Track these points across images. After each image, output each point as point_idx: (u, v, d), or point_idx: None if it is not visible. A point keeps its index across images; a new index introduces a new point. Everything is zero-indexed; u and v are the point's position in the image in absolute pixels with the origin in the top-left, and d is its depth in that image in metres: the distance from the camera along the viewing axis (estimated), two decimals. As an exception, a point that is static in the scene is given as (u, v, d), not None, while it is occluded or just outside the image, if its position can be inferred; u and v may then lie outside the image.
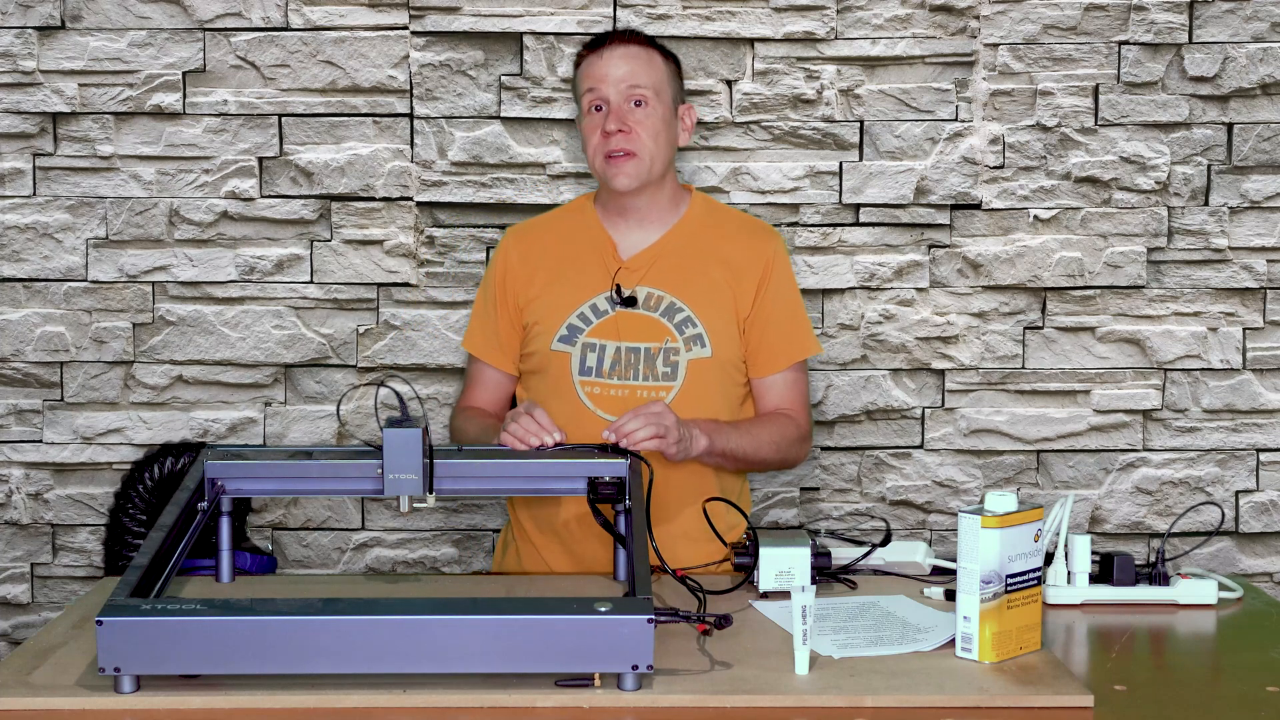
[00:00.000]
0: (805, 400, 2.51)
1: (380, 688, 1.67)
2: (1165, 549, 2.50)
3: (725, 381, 2.43)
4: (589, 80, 2.42)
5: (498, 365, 2.51)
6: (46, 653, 1.84)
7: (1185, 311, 2.88)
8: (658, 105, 2.41)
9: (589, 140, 2.42)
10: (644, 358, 2.40)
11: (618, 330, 2.40)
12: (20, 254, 2.82)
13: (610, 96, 2.39)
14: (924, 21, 2.81)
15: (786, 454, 2.47)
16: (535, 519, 2.46)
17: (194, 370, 2.85)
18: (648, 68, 2.42)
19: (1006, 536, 1.79)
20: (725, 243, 2.47)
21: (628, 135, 2.38)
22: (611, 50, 2.42)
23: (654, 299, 2.42)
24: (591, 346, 2.40)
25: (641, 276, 2.43)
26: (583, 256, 2.46)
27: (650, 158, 2.40)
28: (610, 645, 1.66)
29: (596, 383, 2.40)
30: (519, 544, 2.50)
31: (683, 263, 2.45)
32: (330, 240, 2.84)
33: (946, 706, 1.67)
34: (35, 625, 2.89)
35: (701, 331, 2.41)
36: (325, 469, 2.18)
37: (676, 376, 2.39)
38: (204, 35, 2.79)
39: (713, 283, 2.44)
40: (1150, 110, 2.84)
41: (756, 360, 2.46)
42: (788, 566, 2.05)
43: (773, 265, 2.46)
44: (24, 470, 2.87)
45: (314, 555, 2.91)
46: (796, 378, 2.49)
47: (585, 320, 2.42)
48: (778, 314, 2.46)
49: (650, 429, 2.19)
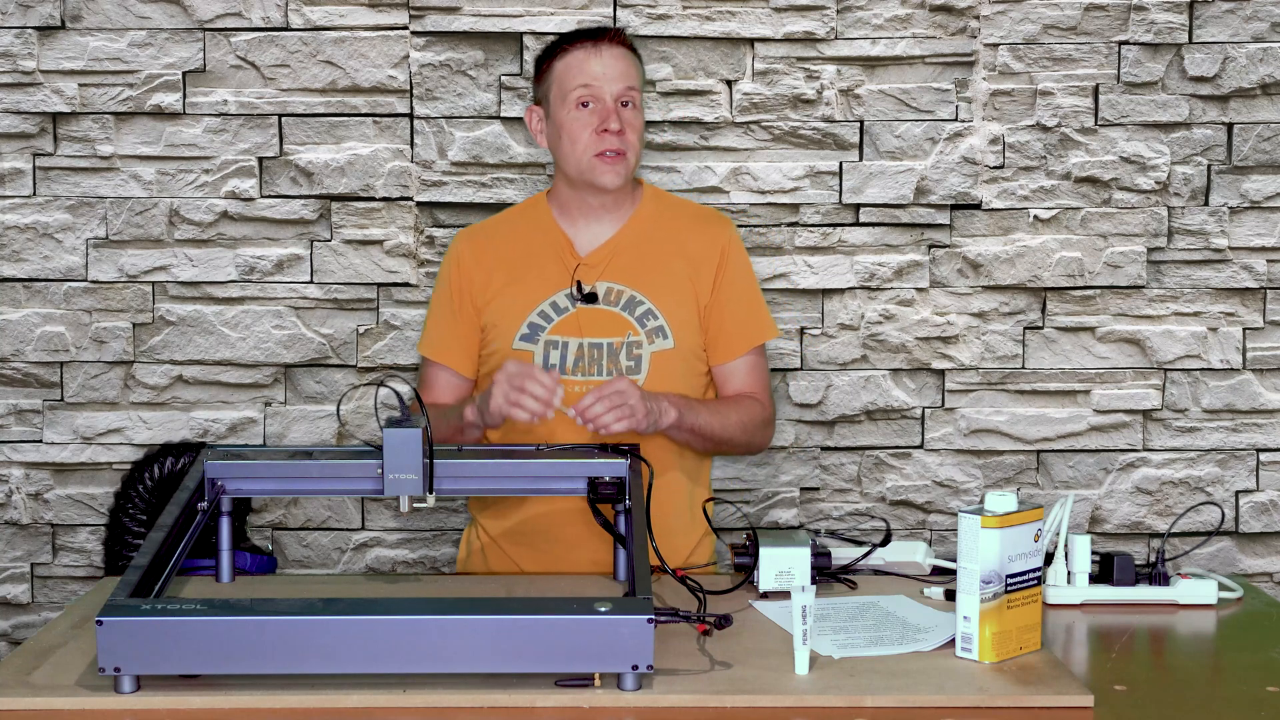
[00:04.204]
0: (767, 384, 2.54)
1: (380, 688, 1.67)
2: (1165, 549, 2.50)
3: (688, 372, 2.45)
4: (581, 76, 2.41)
5: (456, 368, 2.49)
6: (46, 653, 1.84)
7: (1185, 311, 2.88)
8: (640, 107, 2.46)
9: (576, 137, 2.40)
10: (607, 353, 2.40)
11: (579, 327, 2.41)
12: (20, 254, 2.82)
13: (605, 96, 2.40)
14: (924, 21, 2.81)
15: (753, 436, 2.49)
16: (500, 518, 2.46)
17: (194, 370, 2.85)
18: (635, 70, 2.45)
19: (1006, 536, 1.79)
20: (680, 233, 2.49)
21: (622, 136, 2.40)
22: (609, 49, 2.42)
23: (614, 293, 2.43)
24: (554, 344, 2.41)
25: (600, 272, 2.44)
26: (539, 255, 2.47)
27: (635, 157, 2.43)
28: (610, 645, 1.66)
29: (561, 380, 2.39)
30: (484, 547, 2.50)
31: (640, 256, 2.46)
32: (330, 240, 2.84)
33: (946, 706, 1.67)
34: (35, 625, 2.89)
35: (663, 323, 2.42)
36: (325, 469, 2.18)
37: (640, 369, 2.40)
38: (204, 35, 2.79)
39: (671, 274, 2.45)
40: (1150, 110, 2.84)
41: (717, 346, 2.48)
42: (788, 566, 2.05)
43: (728, 252, 2.48)
44: (24, 470, 2.87)
45: (314, 555, 2.91)
46: (757, 361, 2.52)
47: (546, 318, 2.42)
48: (735, 300, 2.48)
49: (615, 413, 2.20)
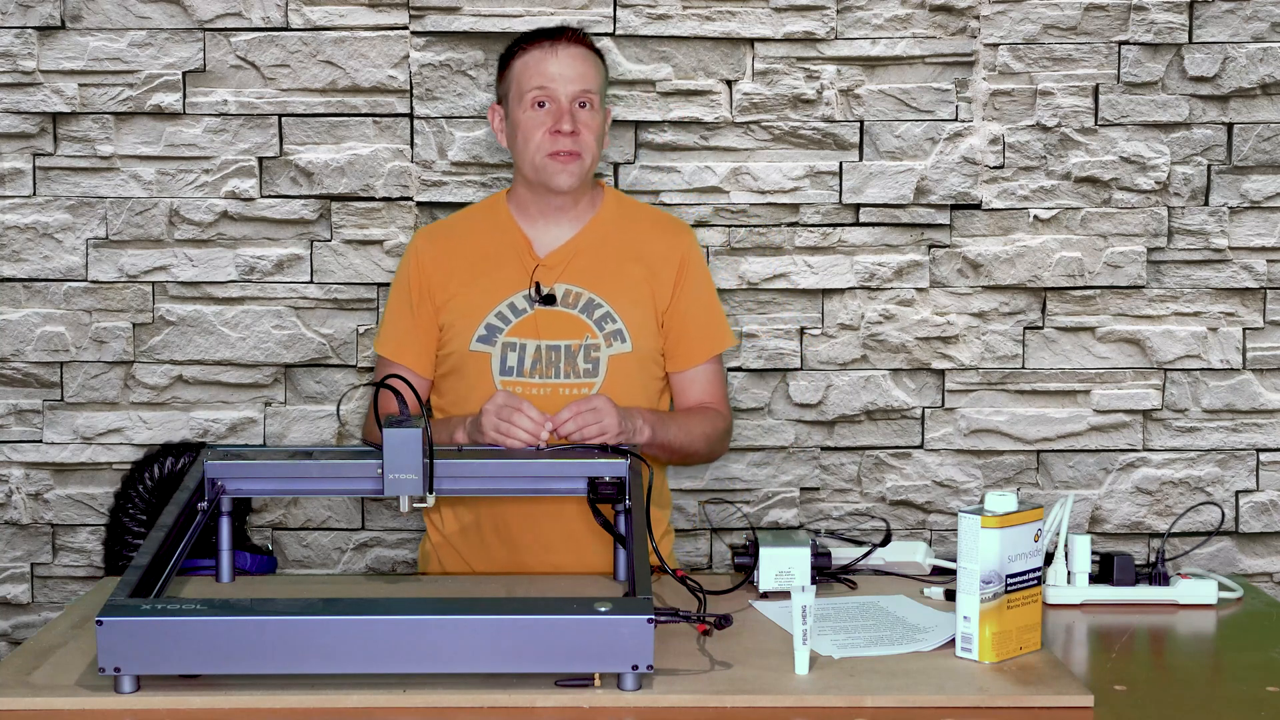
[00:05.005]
0: (725, 393, 2.56)
1: (380, 688, 1.67)
2: (1165, 549, 2.50)
3: (645, 376, 2.45)
4: (537, 77, 2.41)
5: (415, 368, 2.48)
6: (46, 653, 1.84)
7: (1185, 311, 2.88)
8: (599, 109, 2.44)
9: (530, 136, 2.40)
10: (565, 355, 2.40)
11: (537, 329, 2.41)
12: (20, 254, 2.82)
13: (560, 96, 2.40)
14: (924, 21, 2.81)
15: (715, 447, 2.52)
16: (459, 520, 2.45)
17: (194, 370, 2.85)
18: (595, 71, 2.44)
19: (1006, 536, 1.79)
20: (639, 238, 2.49)
21: (576, 137, 2.39)
22: (566, 49, 2.42)
23: (573, 296, 2.43)
24: (512, 346, 2.40)
25: (559, 274, 2.44)
26: (498, 255, 2.46)
27: (592, 159, 2.43)
28: (610, 645, 1.66)
29: (518, 382, 2.39)
30: (439, 552, 2.49)
31: (600, 259, 2.46)
32: (330, 240, 2.84)
33: (946, 706, 1.67)
34: (35, 625, 2.89)
35: (621, 327, 2.42)
36: (325, 469, 2.18)
37: (598, 373, 2.40)
38: (204, 35, 2.79)
39: (630, 278, 2.45)
40: (1150, 110, 2.84)
41: (676, 354, 2.48)
42: (788, 566, 2.05)
43: (688, 260, 2.49)
44: (24, 470, 2.87)
45: (314, 555, 2.91)
46: (716, 369, 2.53)
47: (504, 319, 2.42)
48: (695, 308, 2.49)
49: (591, 429, 2.21)
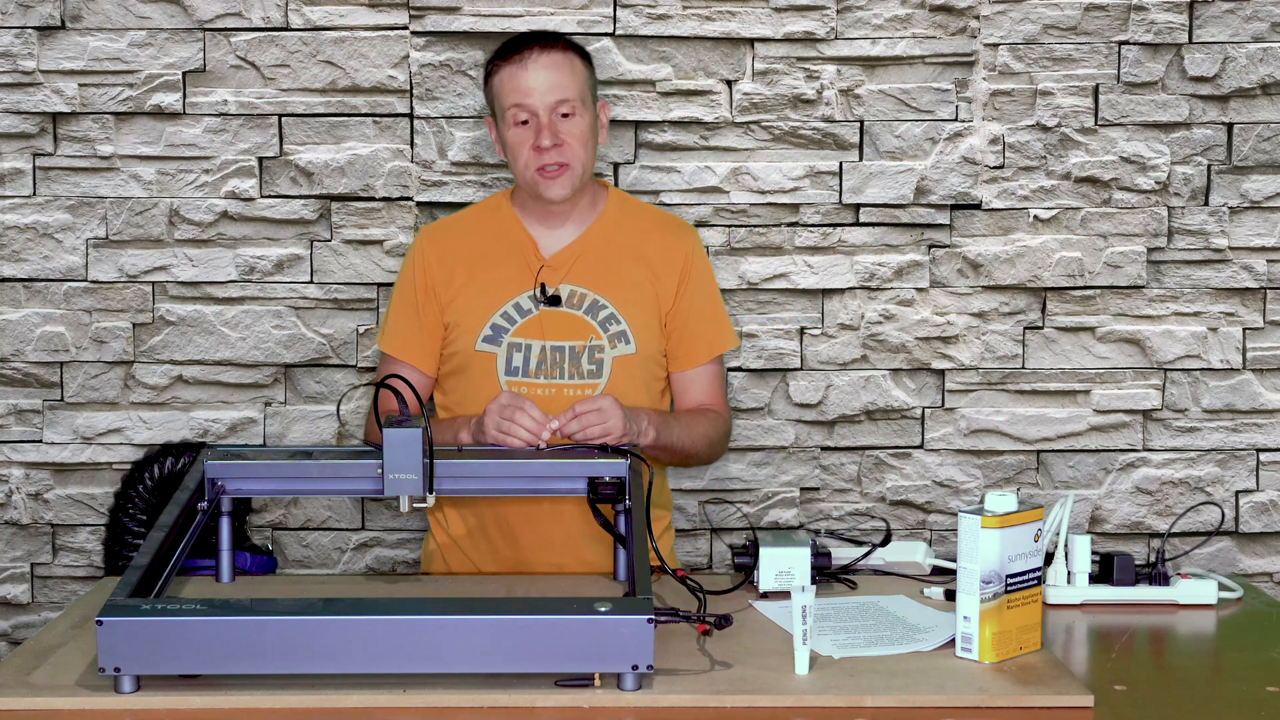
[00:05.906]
0: (724, 394, 2.57)
1: (380, 688, 1.67)
2: (1165, 549, 2.50)
3: (648, 377, 2.45)
4: (513, 95, 2.38)
5: (418, 366, 2.48)
6: (46, 653, 1.84)
7: (1185, 311, 2.88)
8: (584, 112, 2.40)
9: (517, 153, 2.39)
10: (569, 356, 2.40)
11: (542, 329, 2.41)
12: (20, 254, 2.82)
13: (538, 110, 2.36)
14: (924, 21, 2.81)
15: (715, 449, 2.53)
16: (465, 524, 2.46)
17: (194, 370, 2.85)
18: (571, 76, 2.39)
19: (1006, 536, 1.79)
20: (643, 239, 2.49)
21: (560, 149, 2.37)
22: (534, 60, 2.37)
23: (577, 297, 2.43)
24: (517, 346, 2.40)
25: (564, 274, 2.44)
26: (502, 255, 2.46)
27: (582, 166, 2.40)
28: (610, 645, 1.66)
29: (523, 383, 2.39)
30: (445, 552, 2.49)
31: (604, 260, 2.46)
32: (330, 240, 2.84)
33: (946, 706, 1.67)
34: (35, 625, 2.89)
35: (625, 328, 2.42)
36: (325, 469, 2.18)
37: (602, 374, 2.40)
38: (204, 35, 2.79)
39: (633, 279, 2.45)
40: (1150, 110, 2.84)
41: (678, 355, 2.49)
42: (788, 566, 2.05)
43: (691, 261, 2.49)
44: (24, 470, 2.87)
45: (314, 555, 2.91)
46: (716, 370, 2.54)
47: (509, 320, 2.42)
48: (698, 309, 2.49)
49: (595, 429, 2.21)
